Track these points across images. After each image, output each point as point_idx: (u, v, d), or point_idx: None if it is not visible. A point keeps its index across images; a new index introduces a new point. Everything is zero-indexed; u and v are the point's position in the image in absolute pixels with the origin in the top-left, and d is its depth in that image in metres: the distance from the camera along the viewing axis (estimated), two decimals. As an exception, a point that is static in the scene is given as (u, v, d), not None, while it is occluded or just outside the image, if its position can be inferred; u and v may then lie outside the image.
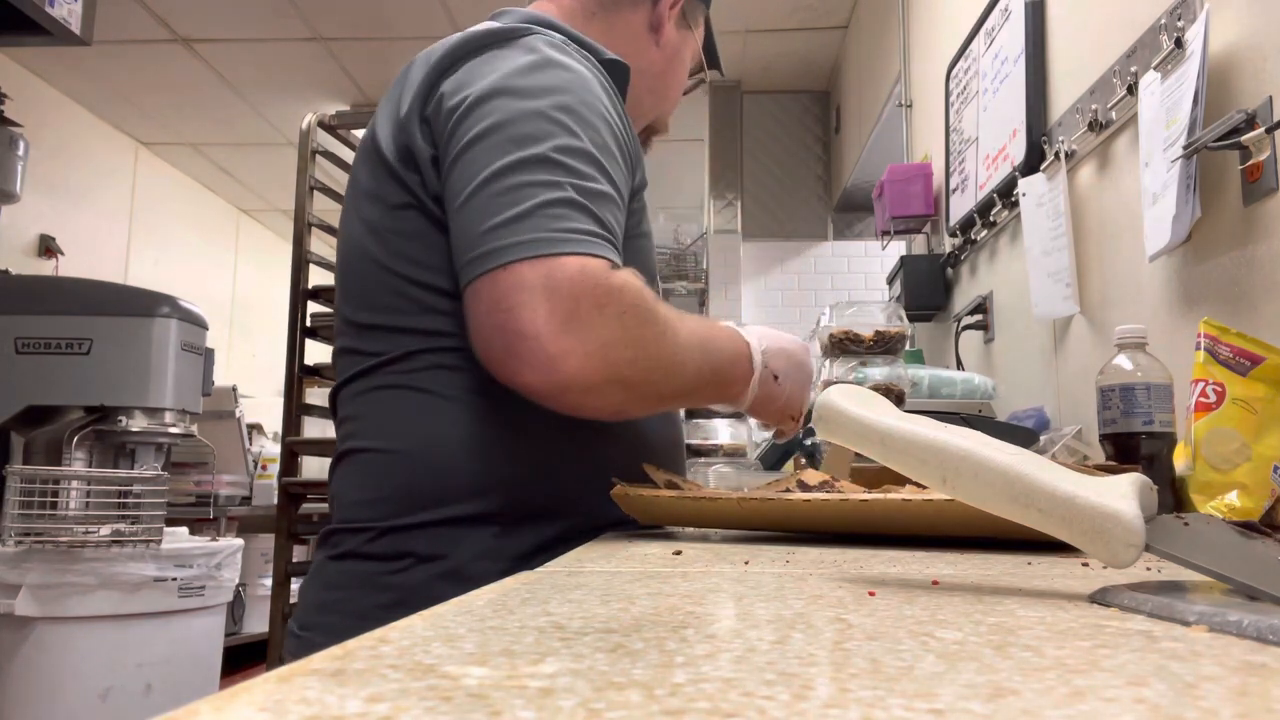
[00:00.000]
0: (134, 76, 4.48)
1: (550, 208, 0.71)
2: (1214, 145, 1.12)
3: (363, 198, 0.85)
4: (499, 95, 0.76)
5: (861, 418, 0.45)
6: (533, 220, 0.70)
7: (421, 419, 0.80)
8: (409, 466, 0.79)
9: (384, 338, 0.83)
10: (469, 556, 0.77)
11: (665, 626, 0.30)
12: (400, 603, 0.74)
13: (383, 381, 0.83)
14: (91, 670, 1.92)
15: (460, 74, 0.80)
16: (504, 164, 0.73)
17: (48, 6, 2.13)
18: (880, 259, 3.89)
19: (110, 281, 2.32)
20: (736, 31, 4.09)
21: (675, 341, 0.77)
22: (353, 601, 0.79)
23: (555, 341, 0.68)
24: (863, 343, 1.75)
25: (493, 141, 0.74)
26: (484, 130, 0.75)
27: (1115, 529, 0.37)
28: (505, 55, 0.80)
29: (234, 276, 6.31)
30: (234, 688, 0.20)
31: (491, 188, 0.72)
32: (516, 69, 0.79)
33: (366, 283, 0.84)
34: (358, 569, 0.79)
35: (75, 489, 2.04)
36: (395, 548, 0.78)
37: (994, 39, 2.11)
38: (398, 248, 0.82)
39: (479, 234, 0.71)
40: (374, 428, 0.82)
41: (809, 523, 0.70)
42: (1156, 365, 1.01)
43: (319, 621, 0.81)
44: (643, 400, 0.78)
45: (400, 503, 0.79)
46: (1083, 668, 0.23)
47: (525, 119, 0.75)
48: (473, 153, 0.75)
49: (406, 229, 0.81)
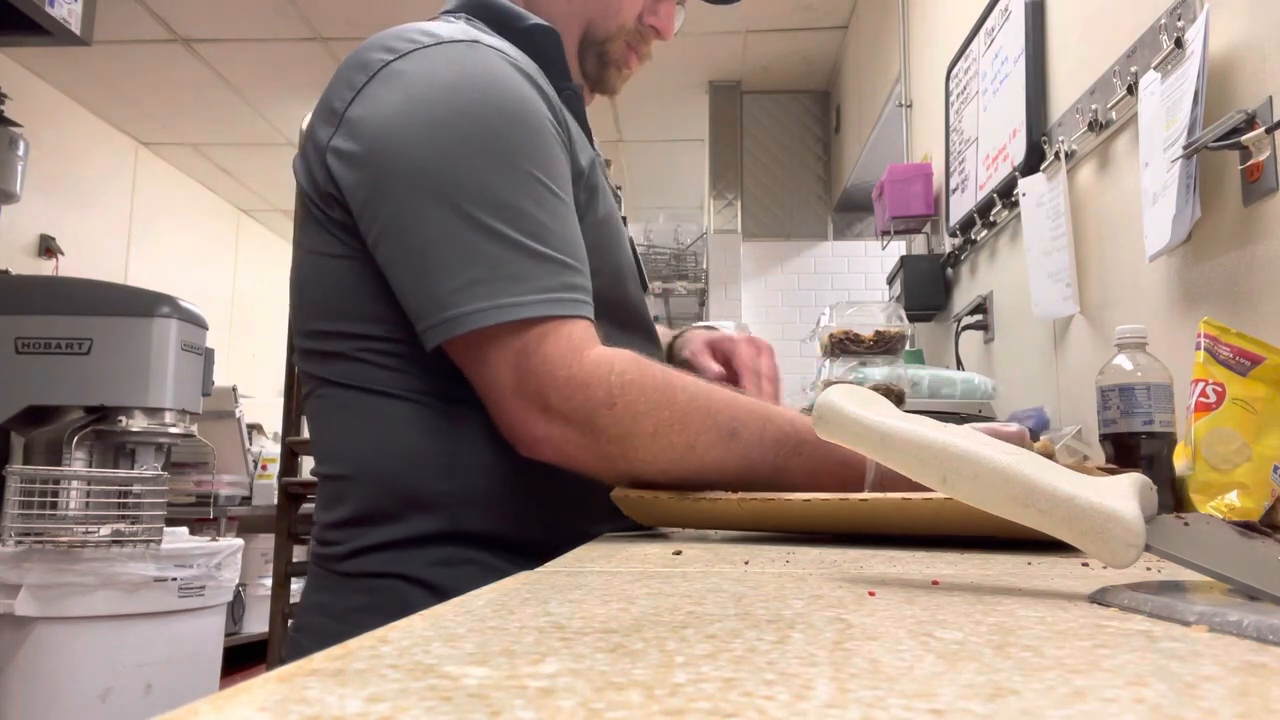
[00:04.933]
0: (134, 76, 4.48)
1: (501, 269, 0.67)
2: (1214, 145, 1.12)
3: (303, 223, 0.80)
4: (415, 142, 0.70)
5: (861, 418, 0.45)
6: (482, 287, 0.67)
7: (368, 439, 0.77)
8: (360, 490, 0.77)
9: (330, 358, 0.79)
10: (430, 571, 0.75)
11: (665, 626, 0.30)
12: (375, 607, 0.74)
13: (332, 402, 0.80)
14: (91, 670, 1.92)
15: (363, 104, 0.73)
16: (438, 229, 0.68)
17: (48, 6, 2.13)
18: (880, 259, 3.90)
19: (110, 281, 2.32)
20: (736, 31, 4.09)
21: (678, 409, 0.70)
22: (337, 604, 0.78)
23: (531, 427, 0.68)
24: (863, 343, 1.75)
25: (429, 194, 0.69)
26: (413, 183, 0.69)
27: (1115, 529, 0.37)
28: (414, 81, 0.72)
29: (234, 276, 6.31)
30: (234, 688, 0.20)
31: (427, 256, 0.68)
32: (426, 105, 0.71)
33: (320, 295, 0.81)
34: (335, 573, 0.79)
35: (75, 489, 2.04)
36: (361, 567, 0.76)
37: (994, 39, 2.11)
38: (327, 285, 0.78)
39: (426, 303, 0.68)
40: (327, 451, 0.80)
41: (809, 523, 0.70)
42: (1156, 365, 1.01)
43: (307, 622, 0.81)
44: (667, 473, 0.71)
45: (358, 526, 0.77)
46: (1083, 668, 0.23)
47: (455, 162, 0.69)
48: (409, 207, 0.69)
49: (333, 269, 0.77)
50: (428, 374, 0.75)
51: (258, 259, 6.54)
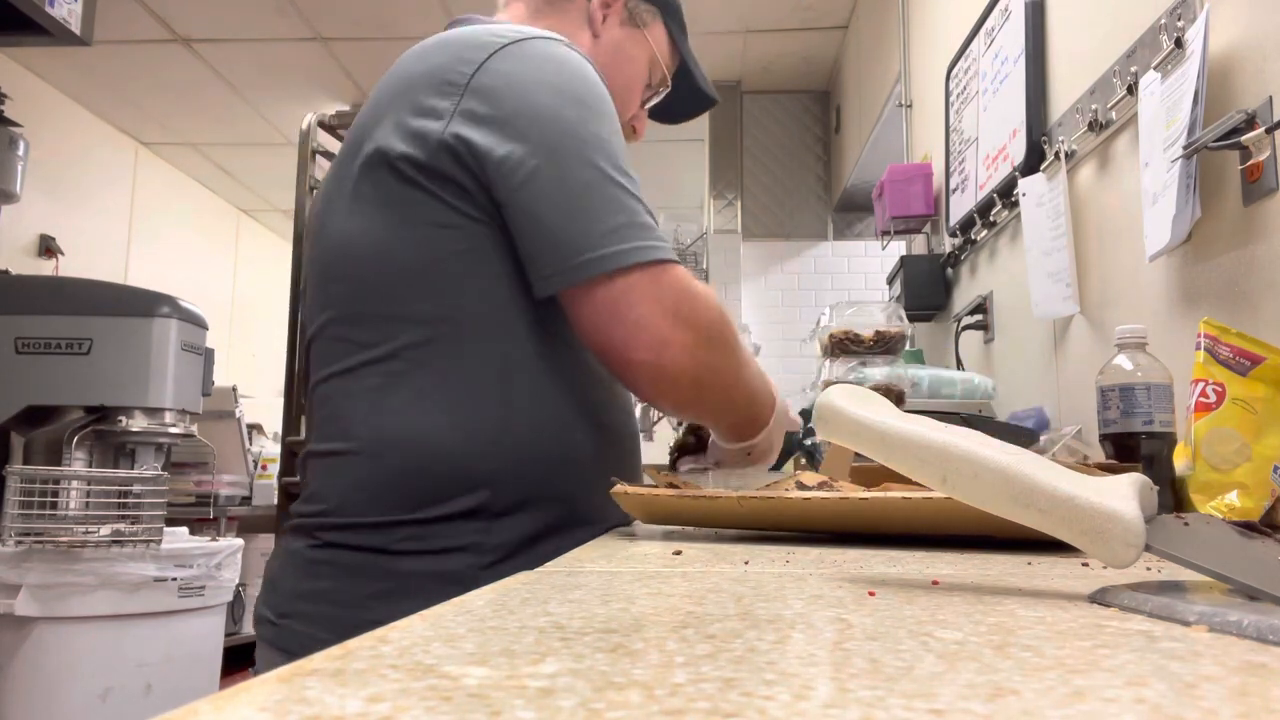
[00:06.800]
0: (134, 76, 4.48)
1: (641, 222, 0.81)
2: (1214, 145, 1.12)
3: (365, 201, 0.85)
4: (555, 106, 0.82)
5: (861, 418, 0.45)
6: (630, 230, 0.80)
7: (407, 417, 0.82)
8: (403, 459, 0.81)
9: (375, 329, 0.84)
10: (456, 549, 0.80)
11: (665, 626, 0.30)
12: (395, 591, 0.78)
13: (370, 379, 0.84)
14: (91, 670, 1.92)
15: (490, 75, 0.82)
16: (587, 178, 0.80)
17: (48, 6, 2.13)
18: (880, 259, 3.89)
19: (110, 281, 2.32)
20: (736, 32, 4.10)
21: (744, 357, 0.89)
22: (343, 591, 0.80)
23: (667, 331, 0.80)
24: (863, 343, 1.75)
25: (574, 151, 0.81)
26: (560, 140, 0.81)
27: (1115, 529, 0.37)
28: (533, 59, 0.84)
29: (234, 276, 6.31)
30: (234, 688, 0.20)
31: (583, 201, 0.80)
32: (555, 77, 0.84)
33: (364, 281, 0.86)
34: (347, 559, 0.81)
35: (75, 489, 2.04)
36: (388, 542, 0.80)
37: (994, 39, 2.11)
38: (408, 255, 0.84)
39: (585, 239, 0.79)
40: (364, 418, 0.83)
41: (809, 522, 0.70)
42: (1156, 365, 1.01)
43: (301, 610, 0.82)
44: (712, 409, 0.91)
45: (390, 496, 0.80)
46: (1083, 668, 0.23)
47: (586, 128, 0.82)
48: (551, 167, 0.80)
49: (430, 238, 0.83)
50: (489, 356, 0.84)
51: (258, 259, 6.54)
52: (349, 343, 0.85)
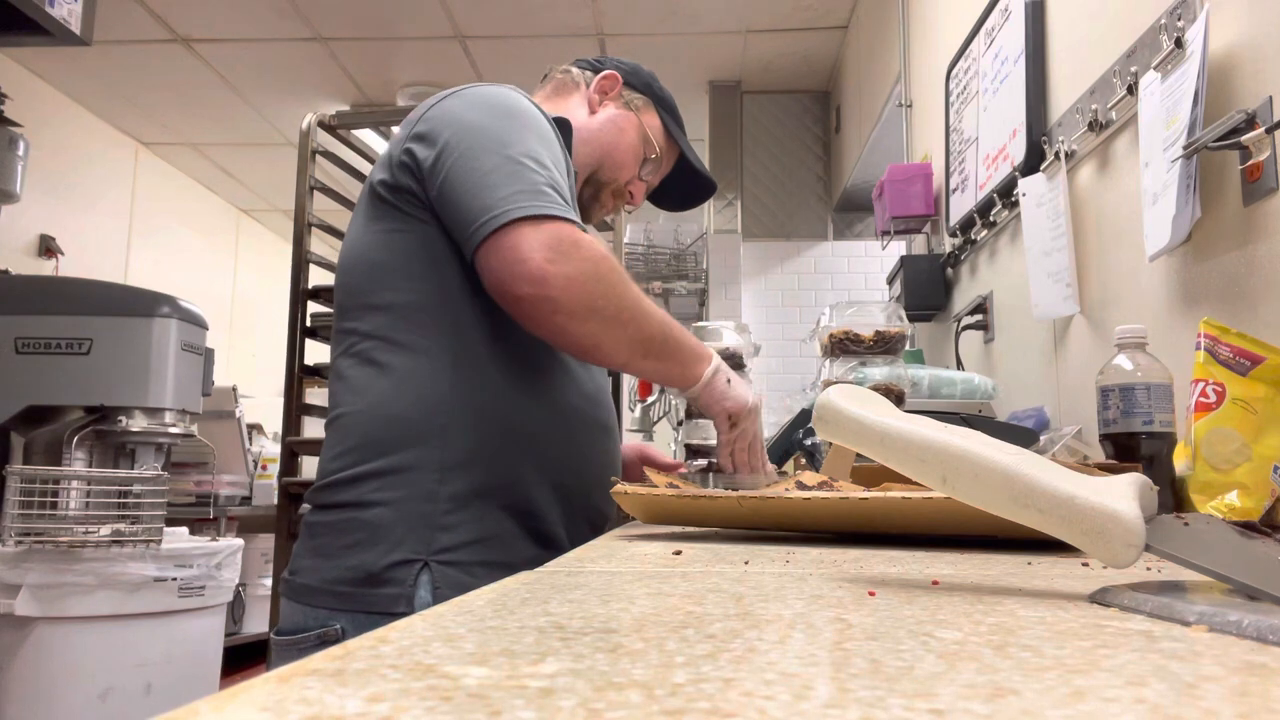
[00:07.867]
0: (134, 76, 4.48)
1: (536, 189, 0.94)
2: (1214, 145, 1.12)
3: (358, 220, 1.08)
4: (478, 118, 1.00)
5: (861, 417, 0.45)
6: (523, 195, 0.94)
7: (372, 386, 0.99)
8: (369, 420, 0.98)
9: (352, 317, 1.04)
10: (416, 497, 0.94)
11: (665, 626, 0.30)
12: (367, 541, 0.93)
13: (346, 360, 1.02)
14: (91, 670, 1.92)
15: (433, 110, 1.03)
16: (494, 164, 0.96)
17: (48, 6, 2.13)
18: (880, 259, 3.89)
19: (110, 281, 2.32)
20: (737, 32, 4.10)
21: (639, 295, 0.98)
22: (328, 546, 0.96)
23: (544, 264, 0.91)
24: (863, 343, 1.75)
25: (484, 145, 0.97)
26: (473, 138, 0.98)
27: (1115, 529, 0.37)
28: (472, 95, 1.04)
29: (234, 276, 6.31)
30: (234, 688, 0.20)
31: (489, 179, 0.95)
32: (484, 100, 1.03)
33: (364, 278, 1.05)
34: (332, 517, 0.97)
35: (75, 489, 2.04)
36: (360, 495, 0.95)
37: (994, 39, 2.11)
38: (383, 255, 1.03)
39: (485, 206, 0.93)
40: (347, 391, 1.01)
41: (809, 522, 0.70)
42: (1156, 365, 1.01)
43: (303, 565, 0.98)
44: (613, 338, 0.96)
45: (360, 451, 0.97)
46: (1083, 668, 0.23)
47: (505, 132, 0.99)
48: (470, 151, 0.97)
49: (394, 244, 1.03)
50: (442, 333, 0.99)
51: (258, 259, 6.54)
52: (339, 332, 1.05)
